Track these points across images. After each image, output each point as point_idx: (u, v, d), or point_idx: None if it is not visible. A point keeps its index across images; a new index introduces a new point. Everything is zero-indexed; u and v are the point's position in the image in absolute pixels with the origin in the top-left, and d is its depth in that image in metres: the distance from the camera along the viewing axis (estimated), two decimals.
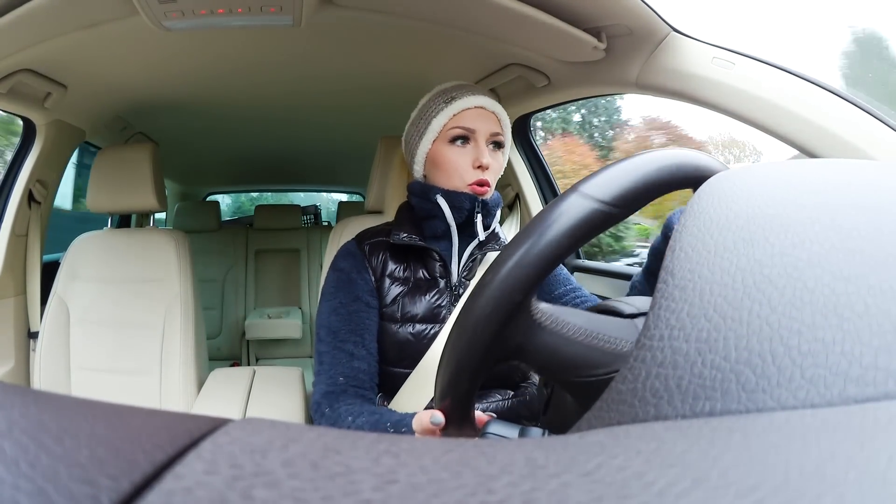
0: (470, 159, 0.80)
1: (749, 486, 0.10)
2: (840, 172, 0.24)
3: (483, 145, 0.80)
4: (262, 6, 0.79)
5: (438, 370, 0.39)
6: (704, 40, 0.81)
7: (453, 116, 0.80)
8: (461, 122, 0.80)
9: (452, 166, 0.80)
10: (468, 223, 0.81)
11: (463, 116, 0.80)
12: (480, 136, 0.80)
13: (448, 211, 0.79)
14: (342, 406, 0.73)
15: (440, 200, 0.79)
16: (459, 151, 0.80)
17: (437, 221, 0.81)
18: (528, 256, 0.33)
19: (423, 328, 0.80)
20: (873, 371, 0.15)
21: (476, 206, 0.80)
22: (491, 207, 0.82)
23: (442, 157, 0.81)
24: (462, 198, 0.79)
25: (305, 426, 0.14)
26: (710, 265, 0.20)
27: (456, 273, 0.82)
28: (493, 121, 0.81)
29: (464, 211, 0.79)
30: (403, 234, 0.81)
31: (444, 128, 0.80)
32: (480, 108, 0.81)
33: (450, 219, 0.79)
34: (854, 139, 0.68)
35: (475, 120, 0.80)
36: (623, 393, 0.19)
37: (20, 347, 1.25)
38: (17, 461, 0.10)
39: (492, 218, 0.83)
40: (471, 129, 0.80)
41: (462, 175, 0.80)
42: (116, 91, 1.25)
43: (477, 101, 0.80)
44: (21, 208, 1.23)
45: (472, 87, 0.83)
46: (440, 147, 0.81)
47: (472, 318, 0.34)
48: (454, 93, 0.82)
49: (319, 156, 2.29)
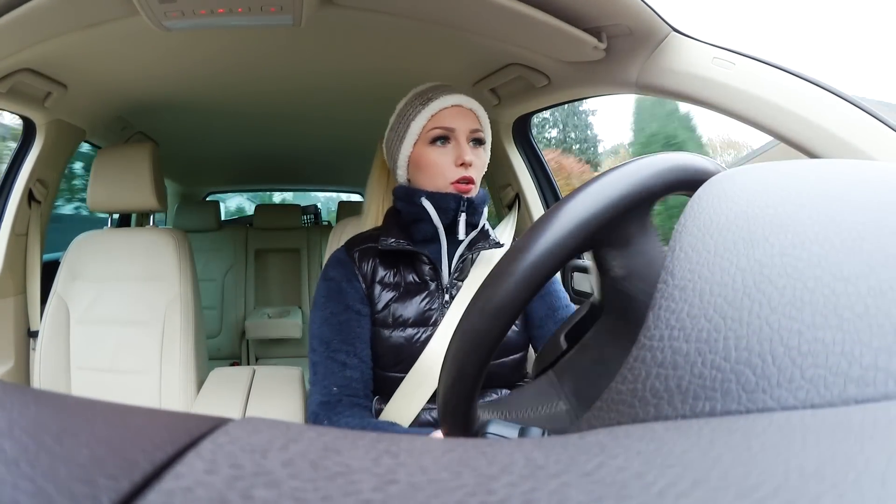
0: (451, 158, 0.79)
1: (749, 486, 0.10)
2: (840, 173, 0.24)
3: (464, 143, 0.79)
4: (263, 6, 0.79)
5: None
6: (705, 40, 0.81)
7: (431, 117, 0.80)
8: (440, 122, 0.79)
9: (435, 167, 0.79)
10: (456, 223, 0.80)
11: (441, 116, 0.80)
12: (460, 133, 0.79)
13: (434, 213, 0.79)
14: (341, 419, 0.73)
15: (425, 203, 0.79)
16: (441, 151, 0.80)
17: (424, 224, 0.80)
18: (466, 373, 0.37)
19: (415, 332, 0.80)
20: (873, 371, 0.15)
21: (461, 206, 0.79)
22: (477, 205, 0.81)
23: (424, 159, 0.80)
24: (447, 199, 0.79)
25: (305, 426, 0.14)
26: (709, 265, 0.20)
27: (447, 275, 0.82)
28: (472, 118, 0.81)
29: (450, 212, 0.79)
30: (392, 239, 0.81)
31: (423, 129, 0.80)
32: (458, 107, 0.81)
33: (436, 221, 0.79)
34: (854, 139, 0.68)
35: (453, 118, 0.80)
36: (623, 393, 0.19)
37: (20, 347, 1.25)
38: (17, 461, 0.10)
39: (479, 216, 0.83)
40: (450, 128, 0.79)
41: (445, 175, 0.79)
42: (116, 91, 1.25)
43: (453, 99, 0.80)
44: (21, 207, 1.23)
45: (448, 87, 0.83)
46: (421, 149, 0.81)
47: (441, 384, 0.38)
48: (430, 94, 0.82)
49: (319, 155, 2.29)
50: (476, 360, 0.36)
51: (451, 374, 0.37)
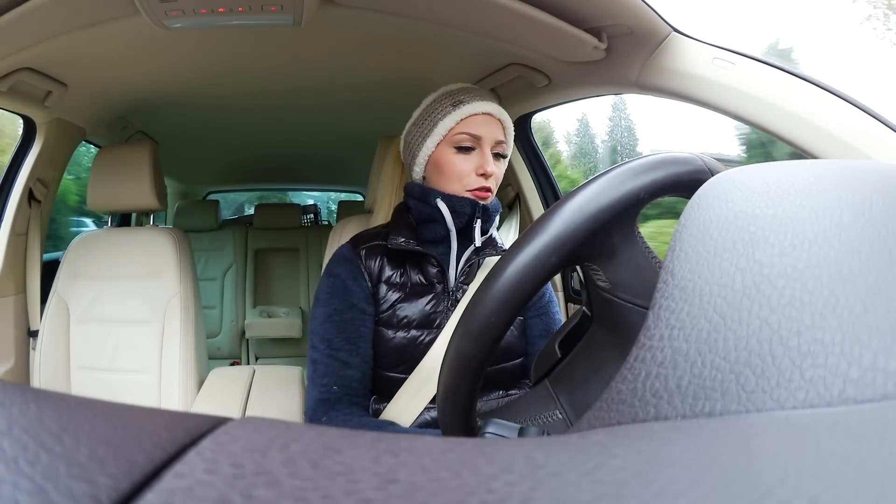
0: (473, 166, 0.78)
1: (748, 485, 0.10)
2: (840, 173, 0.24)
3: (488, 153, 0.78)
4: (263, 5, 0.79)
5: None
6: (705, 41, 0.81)
7: (461, 121, 0.78)
8: (468, 128, 0.78)
9: (455, 172, 0.78)
10: (467, 228, 0.80)
11: (470, 122, 0.78)
12: (486, 143, 0.78)
13: (448, 215, 0.78)
14: (339, 417, 0.73)
15: (440, 205, 0.78)
16: (464, 158, 0.79)
17: (436, 225, 0.79)
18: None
19: (419, 334, 0.79)
20: (872, 372, 0.15)
21: (477, 212, 0.78)
22: (491, 213, 0.81)
23: (445, 162, 0.79)
24: (464, 202, 0.78)
25: (306, 425, 0.14)
26: (709, 265, 0.20)
27: (453, 278, 0.81)
28: (499, 128, 0.80)
29: (465, 216, 0.78)
30: (401, 238, 0.80)
31: (450, 132, 0.79)
32: (488, 115, 0.79)
33: (450, 223, 0.78)
34: (854, 139, 0.68)
35: (482, 126, 0.78)
36: (623, 393, 0.19)
37: (20, 346, 1.25)
38: (16, 460, 0.10)
39: (491, 223, 0.82)
40: (477, 136, 0.78)
41: (463, 181, 0.78)
42: (117, 90, 1.25)
43: (485, 107, 0.79)
44: (21, 207, 1.23)
45: (480, 92, 0.82)
46: (444, 151, 0.79)
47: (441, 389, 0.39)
48: (461, 96, 0.80)
49: (319, 155, 2.29)
50: (467, 381, 0.37)
51: (445, 394, 0.38)
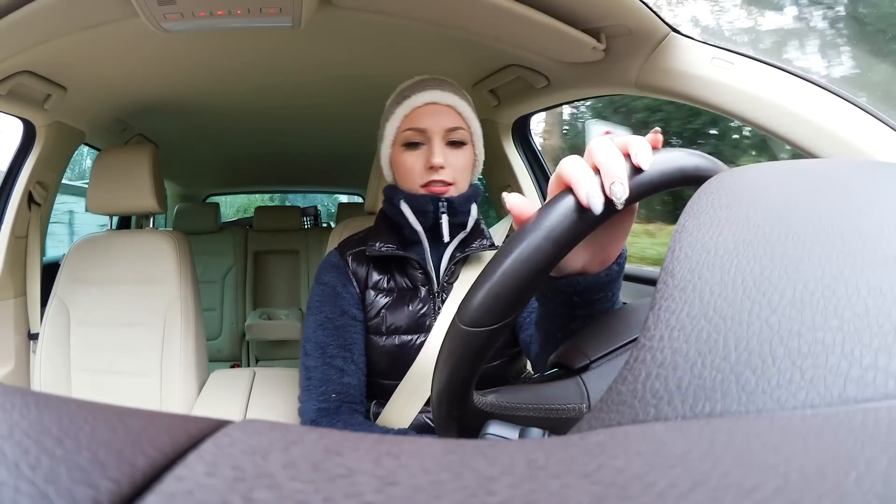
0: (423, 161, 0.75)
1: (749, 486, 0.10)
2: (840, 172, 0.24)
3: (436, 144, 0.74)
4: (262, 8, 0.79)
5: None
6: (704, 40, 0.81)
7: (405, 118, 0.76)
8: (413, 123, 0.75)
9: (407, 170, 0.76)
10: (439, 225, 0.76)
11: (414, 116, 0.75)
12: (434, 134, 0.74)
13: (411, 215, 0.75)
14: (343, 427, 0.72)
15: (403, 206, 0.75)
16: (413, 154, 0.76)
17: (408, 227, 0.77)
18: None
19: (409, 339, 0.78)
20: (873, 372, 0.15)
21: (440, 207, 0.75)
22: (458, 205, 0.76)
23: (398, 162, 0.77)
24: (423, 200, 0.75)
25: (306, 428, 0.14)
26: (710, 266, 0.20)
27: (436, 279, 0.79)
28: (449, 114, 0.75)
29: (428, 214, 0.75)
30: (379, 243, 0.78)
31: (397, 131, 0.76)
32: (433, 104, 0.75)
33: (414, 223, 0.75)
34: (854, 139, 0.68)
35: (425, 118, 0.75)
36: (623, 393, 0.19)
37: (20, 349, 1.25)
38: (17, 463, 0.10)
39: (465, 215, 0.78)
40: (421, 129, 0.75)
41: (416, 178, 0.76)
42: (116, 93, 1.25)
43: (428, 96, 0.75)
44: (21, 210, 1.23)
45: (428, 82, 0.78)
46: (397, 152, 0.77)
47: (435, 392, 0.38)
48: (407, 91, 0.77)
49: (319, 157, 2.30)
50: (456, 409, 0.37)
51: (439, 416, 0.38)
